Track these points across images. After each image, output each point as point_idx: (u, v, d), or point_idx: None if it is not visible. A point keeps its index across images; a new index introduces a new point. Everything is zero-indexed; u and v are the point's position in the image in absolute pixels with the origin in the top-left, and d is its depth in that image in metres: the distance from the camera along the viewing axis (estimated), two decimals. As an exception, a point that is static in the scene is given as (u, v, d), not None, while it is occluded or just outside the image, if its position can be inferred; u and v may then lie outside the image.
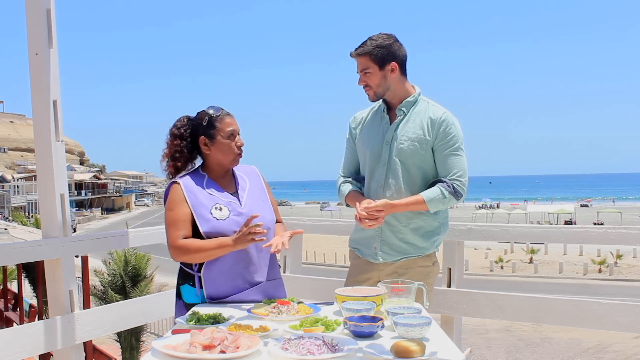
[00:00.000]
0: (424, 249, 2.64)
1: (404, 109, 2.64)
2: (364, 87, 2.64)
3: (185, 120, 2.47)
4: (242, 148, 2.45)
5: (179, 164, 2.45)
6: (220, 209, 2.36)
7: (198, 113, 2.45)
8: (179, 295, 2.43)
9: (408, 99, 2.64)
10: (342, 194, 2.77)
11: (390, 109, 2.68)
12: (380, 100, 2.69)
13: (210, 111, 2.42)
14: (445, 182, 2.55)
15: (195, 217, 2.33)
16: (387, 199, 2.55)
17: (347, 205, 2.76)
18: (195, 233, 2.34)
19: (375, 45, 2.56)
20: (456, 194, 2.54)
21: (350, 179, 2.79)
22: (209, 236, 2.31)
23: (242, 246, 2.26)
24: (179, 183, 2.39)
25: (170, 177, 2.46)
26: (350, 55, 2.62)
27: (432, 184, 2.58)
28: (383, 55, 2.56)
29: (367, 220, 2.51)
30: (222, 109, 2.45)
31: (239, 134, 2.45)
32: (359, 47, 2.59)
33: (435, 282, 2.81)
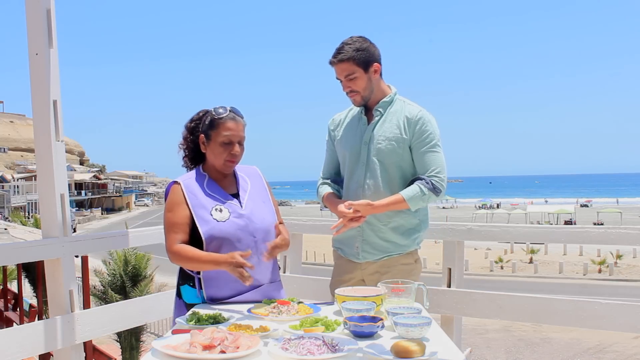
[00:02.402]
0: (405, 247, 2.67)
1: (380, 109, 2.67)
2: (348, 93, 2.65)
3: (201, 114, 2.47)
4: (235, 156, 2.40)
5: (187, 159, 2.49)
6: (221, 211, 2.35)
7: (211, 109, 2.44)
8: (179, 294, 2.43)
9: (384, 99, 2.67)
10: (319, 195, 2.82)
11: (367, 109, 2.71)
12: None
13: (218, 110, 2.40)
14: (423, 179, 2.58)
15: (195, 218, 2.33)
16: (366, 199, 2.59)
17: (325, 207, 2.79)
18: (195, 234, 2.34)
19: (355, 48, 2.57)
20: (435, 190, 2.57)
21: (328, 181, 2.82)
22: (209, 238, 2.31)
23: (228, 270, 2.21)
24: (179, 183, 2.39)
25: (187, 169, 2.50)
26: (331, 63, 2.62)
27: (411, 182, 2.62)
28: (365, 58, 2.58)
29: (350, 223, 2.55)
30: (230, 112, 2.40)
31: (238, 143, 2.39)
32: (339, 53, 2.59)
33: (419, 279, 2.82)
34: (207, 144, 2.40)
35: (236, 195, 2.44)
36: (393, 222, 2.64)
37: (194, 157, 2.49)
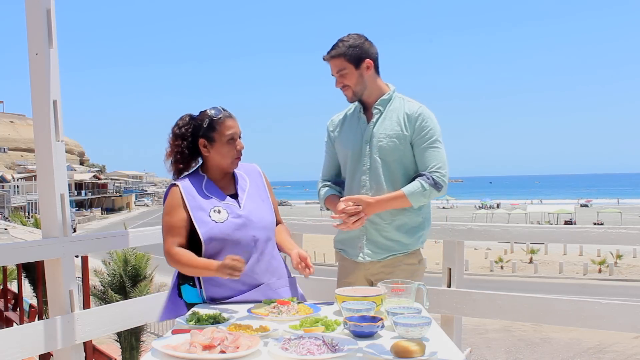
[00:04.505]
0: (409, 246, 2.65)
1: (379, 107, 2.66)
2: (341, 89, 2.66)
3: (187, 119, 2.45)
4: (241, 151, 2.44)
5: (181, 165, 2.46)
6: (219, 212, 2.35)
7: (200, 113, 2.44)
8: (179, 294, 2.43)
9: (383, 97, 2.66)
10: (321, 197, 2.81)
11: (366, 108, 2.70)
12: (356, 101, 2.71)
13: (212, 112, 2.40)
14: (424, 175, 2.56)
15: (193, 221, 2.33)
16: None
17: (327, 209, 2.79)
18: (194, 235, 2.34)
19: (348, 45, 2.59)
20: (436, 185, 2.55)
21: (329, 183, 2.81)
22: (208, 239, 2.31)
23: (221, 275, 2.19)
24: (178, 185, 2.39)
25: (175, 177, 2.47)
26: (324, 59, 2.64)
27: (413, 179, 2.60)
28: (357, 54, 2.59)
29: (350, 219, 2.50)
30: (223, 111, 2.42)
31: (239, 138, 2.43)
32: (332, 49, 2.61)
33: (422, 280, 2.80)
34: (210, 146, 2.40)
35: (235, 196, 2.43)
36: (397, 221, 2.62)
37: (187, 162, 2.46)
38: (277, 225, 2.56)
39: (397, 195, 2.55)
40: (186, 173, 2.47)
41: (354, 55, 2.59)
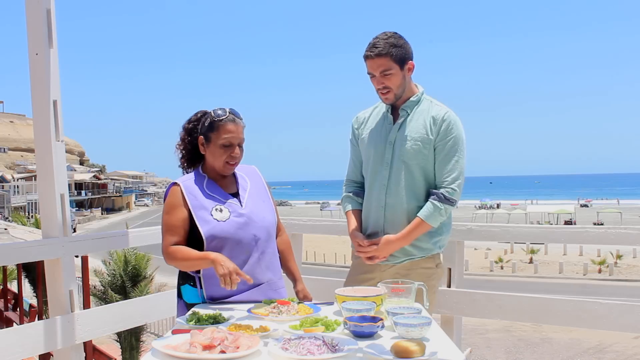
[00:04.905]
0: (427, 250, 2.63)
1: (407, 109, 2.62)
2: (380, 89, 2.57)
3: (199, 115, 2.47)
4: (235, 158, 2.38)
5: (186, 160, 2.49)
6: (221, 211, 2.35)
7: (210, 111, 2.43)
8: (179, 295, 2.43)
9: (412, 99, 2.62)
10: (343, 208, 2.81)
11: (393, 108, 2.66)
12: None
13: (217, 112, 2.39)
14: (434, 194, 2.55)
15: (195, 219, 2.33)
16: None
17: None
18: (194, 235, 2.34)
19: (391, 44, 2.50)
20: (448, 201, 2.54)
21: (352, 194, 2.79)
22: (210, 237, 2.31)
23: (215, 268, 2.20)
24: (179, 185, 2.39)
25: (183, 171, 2.50)
26: (368, 57, 2.52)
27: (427, 196, 2.60)
28: (402, 55, 2.52)
29: (371, 258, 2.60)
30: (229, 114, 2.37)
31: (238, 145, 2.38)
32: (375, 47, 2.50)
33: (438, 284, 2.79)
34: (206, 146, 2.40)
35: (236, 195, 2.43)
36: None
37: (191, 158, 2.49)
38: (278, 230, 2.57)
39: (416, 223, 2.55)
40: (189, 171, 2.49)
41: (399, 56, 2.50)
